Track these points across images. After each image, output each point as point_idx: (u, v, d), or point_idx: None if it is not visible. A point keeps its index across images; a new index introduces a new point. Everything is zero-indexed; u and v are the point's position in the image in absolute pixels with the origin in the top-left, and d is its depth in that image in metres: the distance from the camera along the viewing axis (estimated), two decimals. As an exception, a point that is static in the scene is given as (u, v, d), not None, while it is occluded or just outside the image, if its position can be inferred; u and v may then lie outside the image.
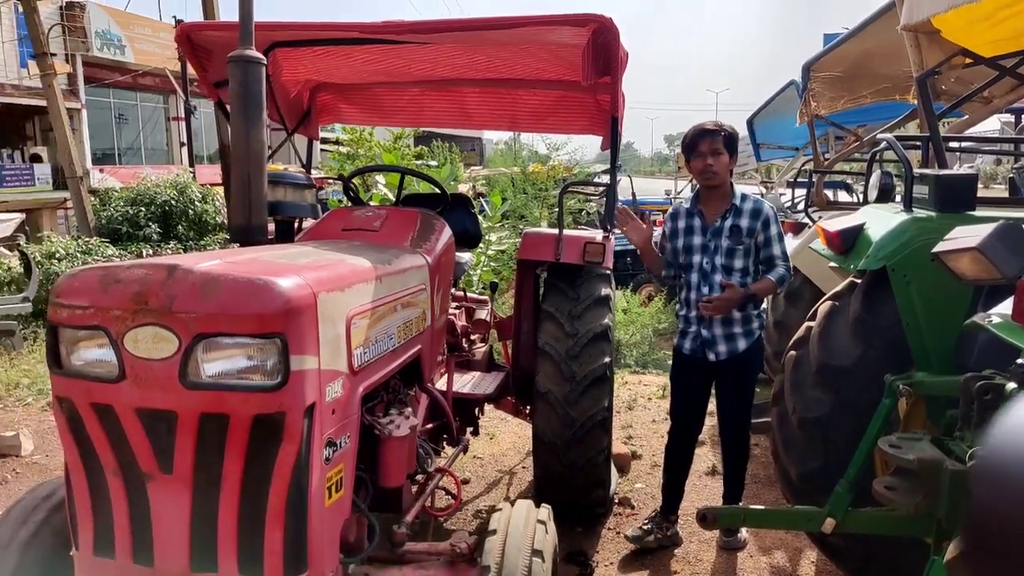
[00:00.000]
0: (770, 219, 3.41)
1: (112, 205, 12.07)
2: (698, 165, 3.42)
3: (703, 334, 3.50)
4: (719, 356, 3.49)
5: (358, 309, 2.17)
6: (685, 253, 3.52)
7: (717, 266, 3.44)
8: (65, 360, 1.87)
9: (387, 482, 2.41)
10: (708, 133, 3.36)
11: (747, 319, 3.49)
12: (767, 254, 3.45)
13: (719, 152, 3.37)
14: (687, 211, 3.56)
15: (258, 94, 2.54)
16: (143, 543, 1.89)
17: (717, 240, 3.43)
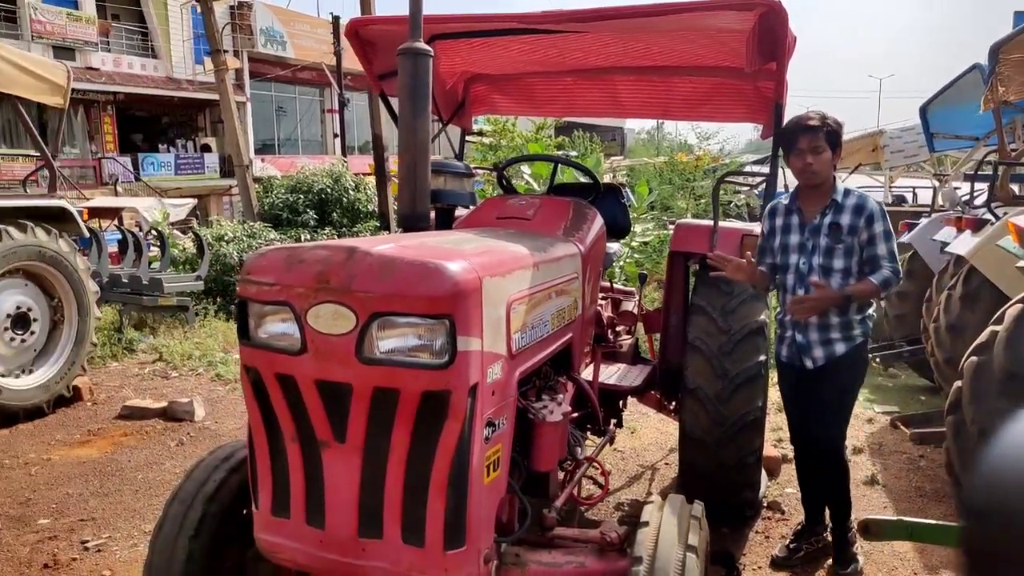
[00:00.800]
0: (875, 216, 3.08)
1: (274, 192, 12.90)
2: (797, 164, 3.14)
3: (798, 339, 3.23)
4: (816, 362, 3.22)
5: (517, 295, 2.21)
6: (782, 253, 3.27)
7: (814, 266, 3.16)
8: (252, 332, 2.03)
9: (539, 466, 2.44)
10: (808, 129, 3.08)
11: (847, 324, 3.17)
12: (871, 253, 3.10)
13: (820, 149, 3.08)
14: (785, 208, 3.30)
15: (425, 85, 2.64)
16: (316, 506, 2.02)
17: (815, 238, 3.16)
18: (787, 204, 3.31)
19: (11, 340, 5.70)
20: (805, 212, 3.21)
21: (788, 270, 3.24)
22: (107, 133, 25.60)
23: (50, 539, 3.81)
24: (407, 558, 1.94)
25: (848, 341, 3.18)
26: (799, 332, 3.23)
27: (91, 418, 5.83)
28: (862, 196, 3.16)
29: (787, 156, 3.20)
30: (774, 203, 3.38)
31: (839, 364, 3.21)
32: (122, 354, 7.75)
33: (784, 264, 3.26)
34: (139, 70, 25.95)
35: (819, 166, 3.09)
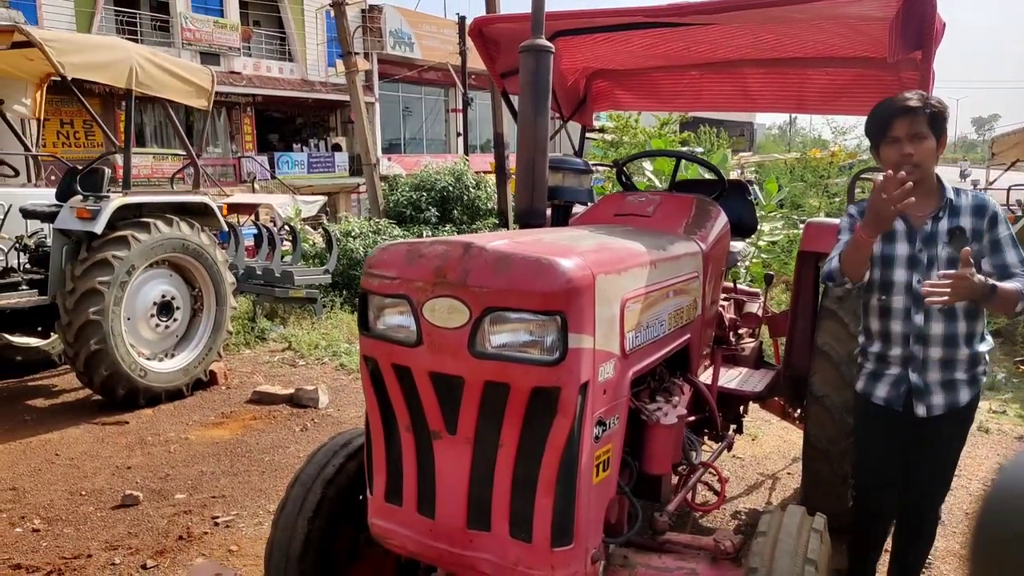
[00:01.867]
0: (999, 216, 2.54)
1: (399, 190, 13.31)
2: (892, 155, 2.51)
3: (912, 379, 2.57)
4: (932, 410, 2.57)
5: (632, 293, 2.17)
6: (884, 267, 2.59)
7: None
8: (372, 323, 2.09)
9: (651, 469, 2.39)
10: (906, 111, 2.47)
11: (975, 359, 2.57)
12: (999, 261, 2.49)
13: (922, 136, 2.47)
14: None
15: (546, 82, 2.64)
16: (427, 496, 2.06)
17: (932, 249, 2.52)
18: None
19: (156, 326, 6.14)
20: (911, 216, 2.55)
21: (893, 289, 2.58)
22: (246, 133, 27.25)
23: (185, 513, 4.10)
24: (514, 552, 1.94)
25: (973, 384, 2.60)
26: (913, 369, 2.57)
27: (225, 401, 6.22)
28: (978, 194, 2.63)
29: (876, 147, 2.61)
30: (861, 204, 2.65)
31: (960, 415, 2.61)
32: (254, 342, 8.23)
33: (887, 281, 2.58)
34: (276, 73, 27.46)
35: (921, 157, 2.48)
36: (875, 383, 2.67)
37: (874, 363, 2.68)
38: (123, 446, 5.15)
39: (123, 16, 23.22)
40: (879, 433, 2.72)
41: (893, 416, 2.64)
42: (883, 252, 2.59)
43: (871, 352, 2.69)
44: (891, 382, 2.63)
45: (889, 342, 2.61)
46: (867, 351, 2.71)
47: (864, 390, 2.72)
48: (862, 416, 2.79)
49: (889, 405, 2.63)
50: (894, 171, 2.33)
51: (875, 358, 2.67)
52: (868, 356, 2.70)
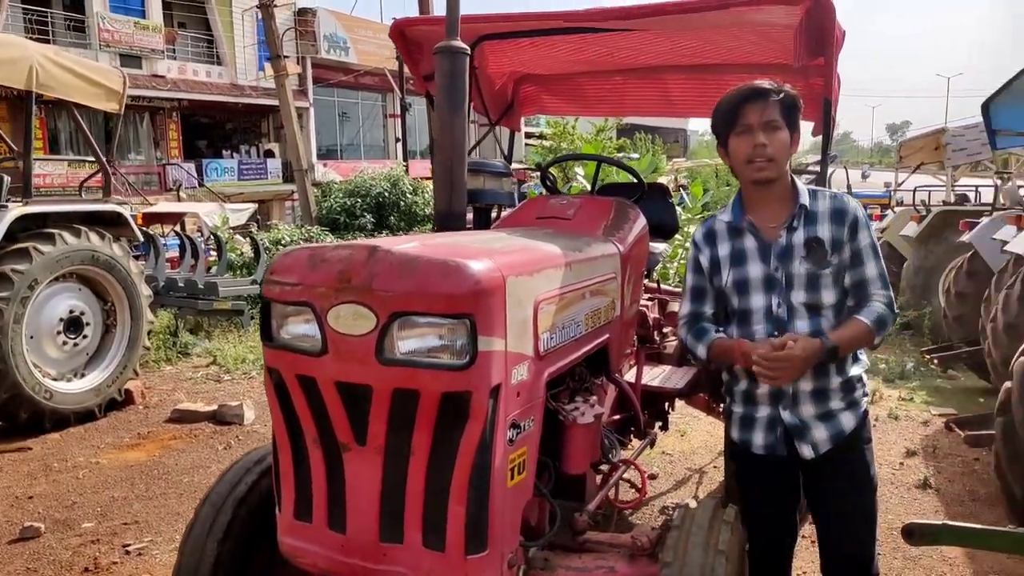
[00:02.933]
0: (860, 221, 2.20)
1: (332, 197, 13.14)
2: (743, 147, 2.18)
3: (785, 419, 2.24)
4: (818, 448, 2.24)
5: (546, 294, 2.16)
6: (739, 294, 2.26)
7: (796, 307, 2.19)
8: (275, 333, 2.02)
9: (570, 469, 2.39)
10: (758, 95, 2.16)
11: (849, 385, 2.25)
12: (857, 277, 2.20)
13: (776, 125, 2.15)
14: (730, 227, 2.30)
15: (462, 84, 2.62)
16: (338, 510, 2.00)
17: (788, 265, 2.18)
18: (731, 221, 2.30)
19: (64, 344, 5.82)
20: (763, 229, 2.24)
21: (753, 318, 2.23)
22: (172, 139, 26.48)
23: (92, 543, 3.89)
24: (428, 563, 1.90)
25: (854, 408, 2.27)
26: (784, 407, 2.25)
27: (141, 421, 5.97)
28: (836, 195, 2.28)
29: (725, 141, 2.27)
30: (709, 222, 2.38)
31: (853, 444, 2.27)
32: (176, 358, 7.96)
33: (745, 310, 2.25)
34: (204, 77, 26.78)
35: (776, 150, 2.15)
36: (751, 430, 2.31)
37: (742, 404, 2.34)
38: (24, 475, 4.86)
39: (32, 15, 22.17)
40: (767, 484, 2.36)
41: (776, 465, 2.30)
42: (736, 278, 2.26)
43: (737, 391, 2.34)
44: (766, 425, 2.28)
45: (754, 379, 2.23)
46: (733, 390, 2.36)
47: (742, 439, 2.35)
48: (745, 468, 2.42)
49: (771, 452, 2.28)
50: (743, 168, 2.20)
51: (743, 398, 2.33)
52: (735, 396, 2.36)
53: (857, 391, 2.28)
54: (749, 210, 2.28)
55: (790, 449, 2.26)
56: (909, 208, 10.52)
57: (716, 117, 2.28)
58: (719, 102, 2.29)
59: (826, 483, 2.28)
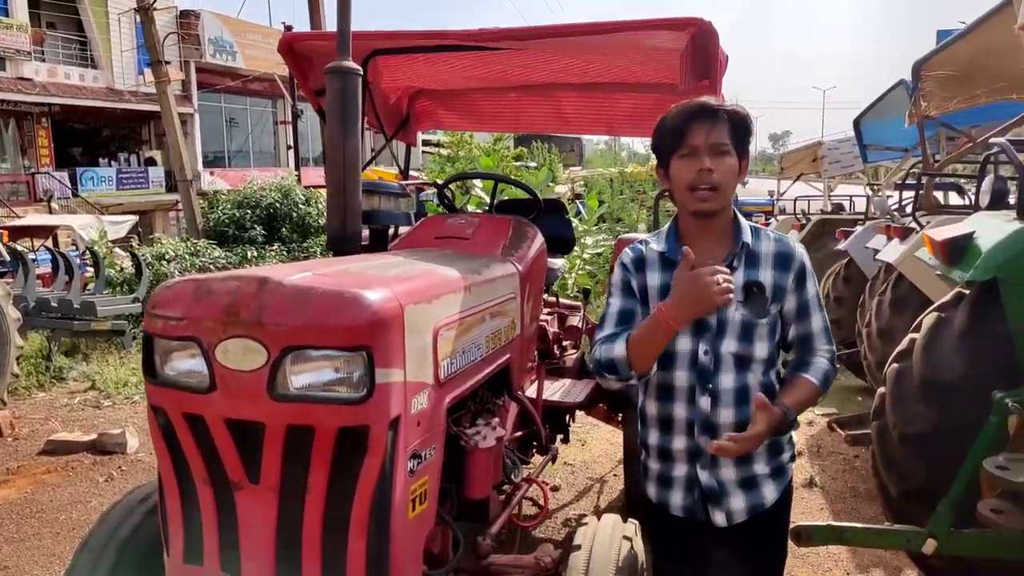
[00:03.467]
0: (807, 270, 2.00)
1: (220, 208, 12.63)
2: (686, 171, 1.92)
3: (702, 480, 2.00)
4: (732, 518, 2.01)
5: (445, 320, 2.14)
6: None
7: (724, 356, 1.95)
8: (159, 370, 1.90)
9: (472, 493, 2.38)
10: (706, 113, 1.91)
11: (776, 448, 2.04)
12: (803, 331, 2.03)
13: (724, 149, 1.91)
14: (662, 257, 2.03)
15: (354, 105, 2.56)
16: (230, 551, 1.90)
17: (723, 309, 1.92)
18: (663, 251, 2.03)
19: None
20: (699, 264, 1.89)
21: (676, 362, 1.99)
22: (42, 147, 24.75)
23: (-46, 594, 3.58)
24: (328, 602, 1.84)
25: (780, 478, 2.06)
26: (702, 466, 2.00)
27: (11, 455, 5.52)
28: (781, 237, 2.04)
29: (666, 163, 1.99)
30: (637, 247, 2.10)
31: (769, 520, 2.06)
32: (50, 384, 7.42)
33: (667, 352, 1.97)
34: (77, 80, 25.22)
35: (722, 177, 1.90)
36: (668, 490, 2.05)
37: (657, 460, 2.07)
38: None
39: None
40: (681, 549, 2.10)
41: (692, 528, 2.05)
42: None
43: (651, 445, 2.08)
44: (683, 485, 2.03)
45: (671, 431, 2.02)
46: (647, 444, 2.10)
47: (659, 499, 2.08)
48: (660, 528, 2.14)
49: (688, 515, 2.03)
50: (685, 197, 1.94)
51: (657, 453, 2.07)
52: (650, 451, 2.10)
53: (784, 454, 2.06)
54: (685, 242, 1.98)
55: (706, 515, 2.01)
56: (791, 216, 11.14)
57: (659, 135, 2.01)
58: (663, 118, 2.01)
59: (737, 554, 2.06)
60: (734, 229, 2.00)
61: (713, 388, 1.95)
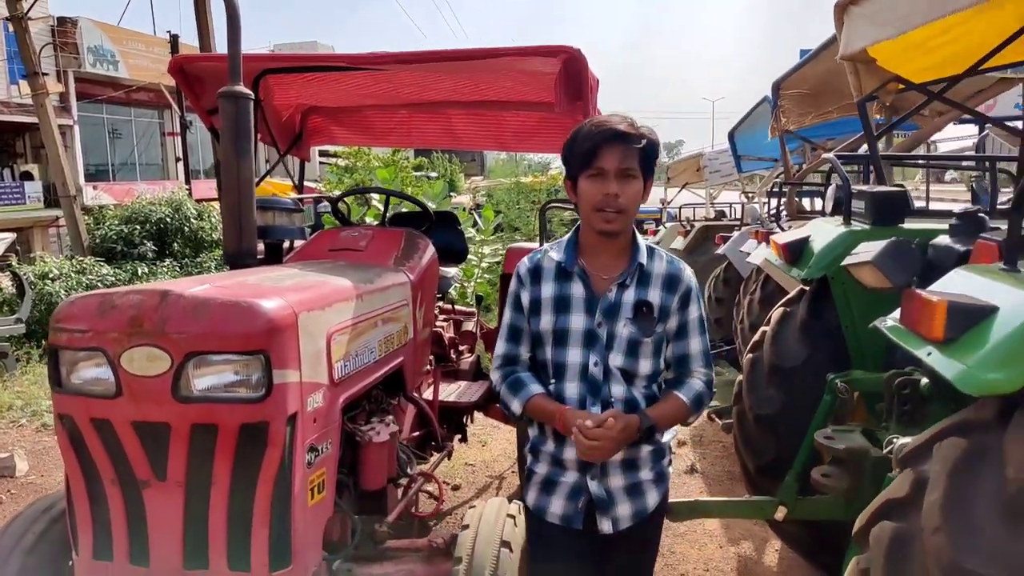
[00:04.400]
0: (692, 293, 2.09)
1: (106, 224, 12.18)
2: (594, 193, 1.98)
3: (592, 489, 2.05)
4: (618, 524, 2.07)
5: (338, 326, 2.34)
6: (556, 344, 2.06)
7: (613, 370, 2.02)
8: (65, 380, 2.03)
9: (368, 485, 2.58)
10: (619, 138, 1.95)
11: (659, 453, 2.14)
12: (681, 351, 2.11)
13: (632, 175, 1.98)
14: (559, 267, 2.08)
15: (247, 127, 2.71)
16: (140, 545, 2.05)
17: (613, 323, 2.02)
18: (561, 261, 2.08)
19: None
20: (595, 278, 2.06)
21: (566, 374, 2.05)
22: (-95, 162, 23.08)
23: None
24: (235, 585, 2.01)
25: (661, 483, 2.16)
26: (592, 476, 2.05)
27: None
28: (672, 259, 2.14)
29: (575, 177, 2.04)
30: (535, 256, 2.15)
31: (650, 523, 2.15)
32: (-73, 410, 7.09)
33: (559, 362, 2.05)
34: (-57, 91, 23.66)
35: (628, 200, 1.98)
36: (549, 497, 2.11)
37: (548, 466, 2.11)
38: None
39: None
40: (557, 557, 2.12)
41: (572, 536, 2.09)
42: (557, 326, 2.05)
43: (545, 452, 2.12)
44: (567, 493, 2.08)
45: (563, 440, 2.05)
46: (539, 450, 2.14)
47: (536, 505, 2.13)
48: (535, 536, 2.19)
49: (567, 524, 2.08)
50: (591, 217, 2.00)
51: (550, 460, 2.10)
52: (541, 457, 2.13)
53: (665, 459, 2.18)
54: (583, 254, 2.08)
55: (587, 522, 2.06)
56: (677, 224, 11.78)
57: (570, 151, 2.03)
58: (575, 134, 2.02)
59: (615, 556, 2.13)
60: (632, 248, 2.07)
61: (603, 399, 2.01)
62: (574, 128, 2.05)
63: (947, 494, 1.69)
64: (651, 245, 2.15)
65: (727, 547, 4.05)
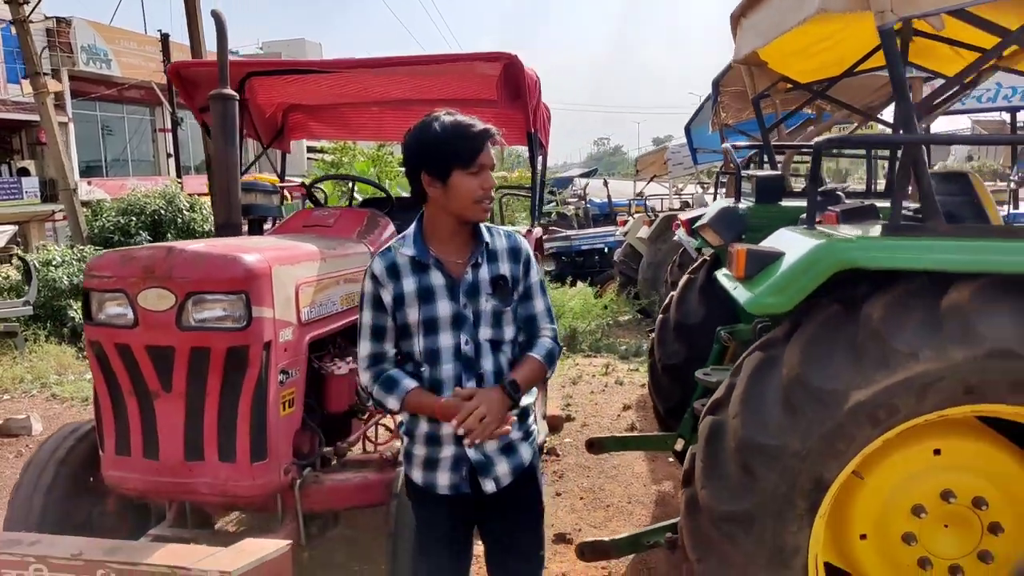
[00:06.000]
0: (531, 260, 2.30)
1: (104, 215, 12.76)
2: (474, 187, 2.13)
3: (471, 456, 2.20)
4: (500, 482, 2.24)
5: (305, 279, 2.97)
6: (426, 333, 2.17)
7: (482, 344, 2.19)
8: (95, 314, 2.68)
9: (330, 408, 3.21)
10: (491, 137, 2.17)
11: (524, 414, 2.31)
12: (528, 312, 2.29)
13: (493, 167, 2.21)
14: (414, 262, 2.19)
15: (233, 124, 3.37)
16: (151, 443, 2.69)
17: (476, 302, 2.18)
18: (414, 255, 2.19)
19: None
20: (449, 264, 2.19)
21: (440, 357, 2.17)
22: (-93, 158, 23.58)
23: None
24: (224, 472, 2.65)
25: (530, 438, 2.33)
26: (470, 446, 2.16)
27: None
28: (508, 233, 2.34)
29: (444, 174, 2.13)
30: (385, 256, 2.23)
31: (530, 475, 2.32)
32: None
33: (432, 349, 2.18)
34: (-60, 89, 24.14)
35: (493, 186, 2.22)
36: (434, 471, 2.23)
37: (424, 445, 2.23)
38: None
39: None
40: (449, 523, 2.28)
41: (459, 503, 2.24)
42: (425, 316, 2.16)
43: (420, 434, 2.23)
44: (450, 465, 2.21)
45: (437, 421, 2.17)
46: (414, 433, 2.25)
47: (426, 482, 2.24)
48: (421, 507, 2.33)
49: (456, 491, 2.22)
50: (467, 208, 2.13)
51: (426, 440, 2.22)
52: (417, 439, 2.24)
53: (530, 418, 2.33)
54: (431, 244, 2.20)
55: (473, 486, 2.22)
56: (643, 214, 12.41)
57: (441, 150, 2.12)
58: (442, 133, 2.11)
59: (502, 514, 2.29)
60: (476, 230, 2.23)
61: (478, 372, 2.18)
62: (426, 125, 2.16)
63: (745, 390, 2.35)
64: (488, 225, 2.28)
65: (650, 486, 4.70)
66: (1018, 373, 2.08)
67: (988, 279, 2.11)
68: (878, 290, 2.21)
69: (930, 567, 2.39)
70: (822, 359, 2.18)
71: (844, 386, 2.14)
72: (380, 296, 2.19)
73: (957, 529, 2.38)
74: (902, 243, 2.18)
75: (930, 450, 2.39)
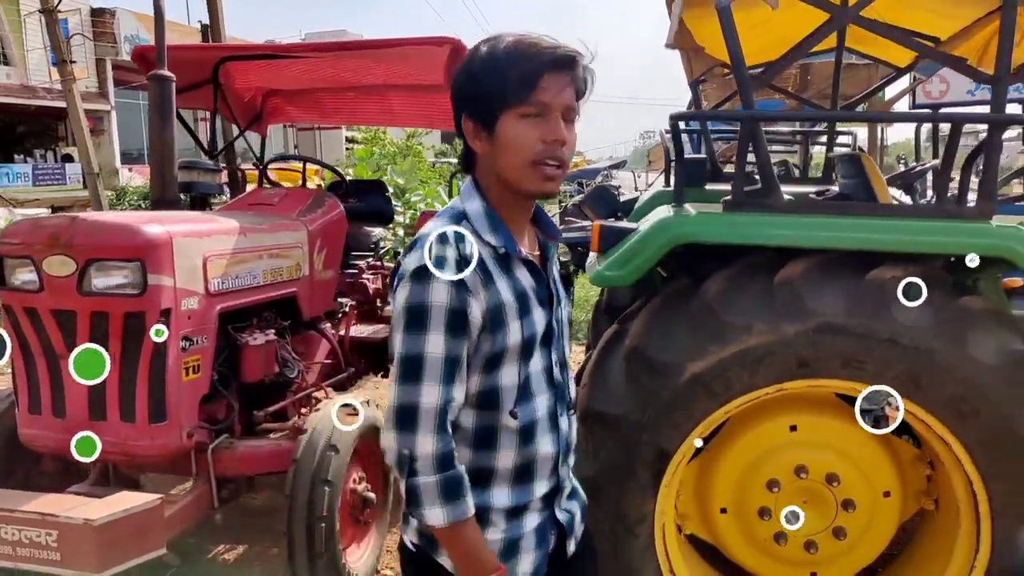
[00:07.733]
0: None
1: (126, 199, 13.25)
2: (530, 136, 1.40)
3: (561, 520, 1.60)
4: (578, 538, 1.66)
5: (217, 252, 3.09)
6: (522, 358, 1.48)
7: (567, 366, 1.62)
8: (7, 280, 2.85)
9: (245, 377, 3.32)
10: (570, 65, 1.42)
11: None
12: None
13: (574, 118, 1.46)
14: (497, 253, 1.47)
15: (169, 103, 3.53)
16: (59, 402, 2.85)
17: (558, 310, 1.58)
18: (496, 242, 1.46)
19: None
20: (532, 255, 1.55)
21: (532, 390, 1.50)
22: (-49, 143, 24.60)
23: None
24: (124, 432, 2.80)
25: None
26: (559, 504, 1.60)
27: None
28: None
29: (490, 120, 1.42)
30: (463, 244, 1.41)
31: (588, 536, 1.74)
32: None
33: (526, 380, 1.49)
34: (-10, 78, 25.10)
35: (570, 150, 1.45)
36: (515, 556, 1.52)
37: (506, 526, 1.51)
38: None
39: None
40: None
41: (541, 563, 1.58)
42: (527, 333, 1.48)
43: (500, 509, 1.50)
44: (535, 541, 1.54)
45: (531, 478, 1.53)
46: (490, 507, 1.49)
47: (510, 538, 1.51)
48: None
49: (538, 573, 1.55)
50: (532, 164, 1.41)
51: (506, 518, 1.51)
52: (493, 520, 1.49)
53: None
54: (513, 229, 1.51)
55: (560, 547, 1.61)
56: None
57: (486, 78, 1.42)
58: (494, 55, 1.42)
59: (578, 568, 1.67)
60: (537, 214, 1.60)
61: (568, 403, 1.60)
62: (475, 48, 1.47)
63: (596, 362, 2.41)
64: None
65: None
66: (848, 348, 2.10)
67: (824, 255, 2.14)
68: (724, 265, 2.25)
69: (785, 542, 2.42)
70: (662, 332, 2.23)
71: (681, 358, 2.19)
72: (468, 310, 1.39)
73: (812, 505, 2.41)
74: (739, 219, 2.22)
75: (786, 426, 2.42)
